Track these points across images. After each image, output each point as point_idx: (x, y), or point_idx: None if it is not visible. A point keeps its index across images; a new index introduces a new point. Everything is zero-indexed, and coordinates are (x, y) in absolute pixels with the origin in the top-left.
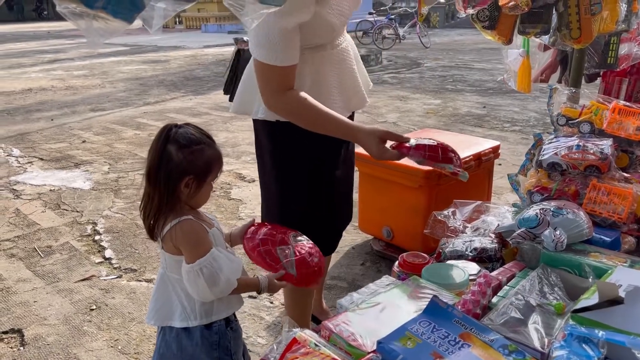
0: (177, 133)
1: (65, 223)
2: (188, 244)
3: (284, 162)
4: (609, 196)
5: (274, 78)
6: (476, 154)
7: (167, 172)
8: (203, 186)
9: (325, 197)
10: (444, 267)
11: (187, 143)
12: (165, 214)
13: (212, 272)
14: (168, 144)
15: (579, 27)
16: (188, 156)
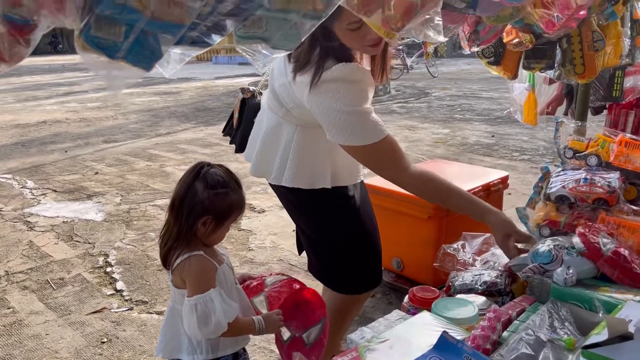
0: (208, 172)
1: (78, 255)
2: (192, 278)
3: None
4: (619, 229)
5: (397, 151)
6: (485, 184)
7: (189, 207)
8: (221, 228)
9: (368, 235)
10: (453, 301)
11: (214, 184)
12: (181, 247)
13: (205, 312)
14: (196, 181)
15: (583, 63)
16: (212, 197)
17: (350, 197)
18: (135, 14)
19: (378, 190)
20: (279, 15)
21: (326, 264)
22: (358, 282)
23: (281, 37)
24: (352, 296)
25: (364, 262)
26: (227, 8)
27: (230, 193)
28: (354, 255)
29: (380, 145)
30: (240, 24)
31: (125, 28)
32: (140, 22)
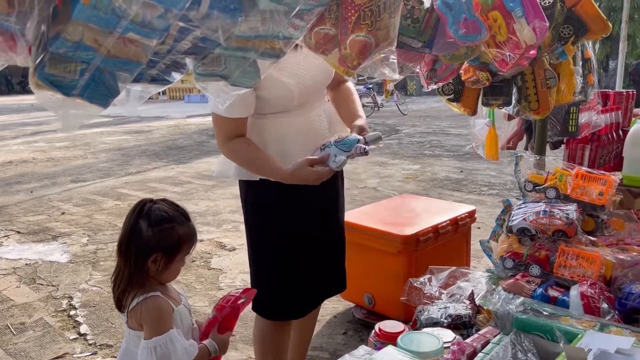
0: (151, 209)
1: (40, 298)
2: (150, 320)
3: (255, 221)
4: (578, 260)
5: (224, 127)
6: (452, 218)
7: (136, 247)
8: (172, 263)
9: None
10: (418, 335)
11: (157, 220)
12: (135, 288)
13: (165, 353)
14: (140, 219)
15: (537, 99)
16: (157, 234)
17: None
18: (90, 51)
19: (349, 225)
20: (238, 54)
21: (251, 272)
22: (271, 303)
23: (240, 74)
24: (267, 320)
25: (279, 282)
26: (185, 46)
27: (176, 227)
28: (267, 269)
29: (218, 119)
30: (199, 62)
31: (81, 66)
32: (95, 59)
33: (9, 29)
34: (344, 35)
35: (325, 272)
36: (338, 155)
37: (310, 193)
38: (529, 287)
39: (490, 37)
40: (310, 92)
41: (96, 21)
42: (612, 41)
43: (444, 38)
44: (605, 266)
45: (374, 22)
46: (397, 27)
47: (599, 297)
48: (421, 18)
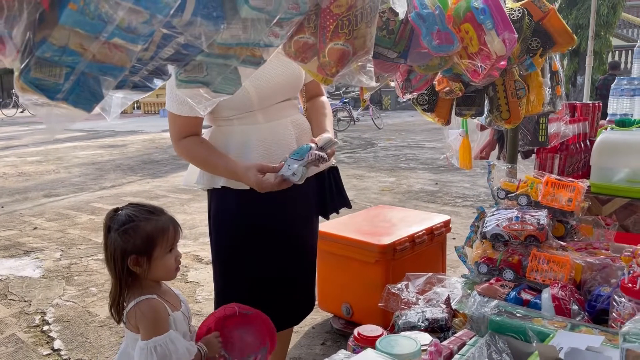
0: (115, 217)
1: (12, 314)
2: (146, 321)
3: (214, 230)
4: (549, 264)
5: (175, 124)
6: (428, 228)
7: (113, 256)
8: (156, 260)
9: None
10: (396, 338)
11: (119, 225)
12: (129, 294)
13: (166, 353)
14: (110, 230)
15: (508, 109)
16: (122, 236)
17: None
18: (75, 56)
19: (326, 236)
20: (220, 61)
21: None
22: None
23: (222, 81)
24: None
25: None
26: (168, 53)
27: (140, 225)
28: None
29: (170, 116)
30: (181, 69)
31: (66, 70)
32: (81, 64)
33: None
34: (322, 44)
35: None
36: (291, 165)
37: (274, 215)
38: (503, 290)
39: (463, 49)
40: (271, 96)
41: (83, 26)
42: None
43: (418, 49)
44: (575, 270)
45: (352, 31)
46: (373, 36)
47: (570, 299)
48: (396, 29)
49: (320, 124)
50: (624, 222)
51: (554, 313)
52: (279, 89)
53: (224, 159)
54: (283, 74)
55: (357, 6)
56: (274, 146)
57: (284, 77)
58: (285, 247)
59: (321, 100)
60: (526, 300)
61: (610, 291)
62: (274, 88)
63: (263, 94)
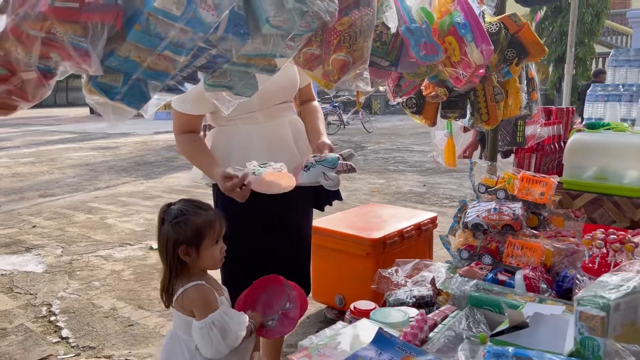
0: (168, 211)
1: (19, 306)
2: (199, 303)
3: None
4: (523, 250)
5: (177, 120)
6: (416, 224)
7: (165, 246)
8: (204, 251)
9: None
10: (388, 310)
11: (172, 218)
12: (179, 280)
13: (224, 325)
14: (163, 224)
15: (487, 112)
16: (175, 228)
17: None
18: (134, 65)
19: (321, 231)
20: (242, 69)
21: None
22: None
23: (242, 85)
24: None
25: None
26: (201, 62)
27: (190, 218)
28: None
29: (174, 113)
30: (209, 75)
31: (123, 76)
32: (137, 71)
33: (83, 47)
34: (327, 55)
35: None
36: (327, 172)
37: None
38: (481, 272)
39: (446, 58)
40: (271, 97)
41: (143, 42)
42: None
43: (407, 58)
44: (545, 255)
45: (352, 45)
46: (369, 49)
47: (539, 279)
48: (388, 41)
49: (316, 127)
50: (591, 214)
51: (525, 290)
52: (278, 92)
53: (209, 158)
54: (281, 79)
55: (357, 24)
56: (274, 144)
57: (282, 81)
58: (285, 234)
59: (314, 104)
60: (502, 281)
61: (575, 272)
62: (274, 91)
63: (264, 96)
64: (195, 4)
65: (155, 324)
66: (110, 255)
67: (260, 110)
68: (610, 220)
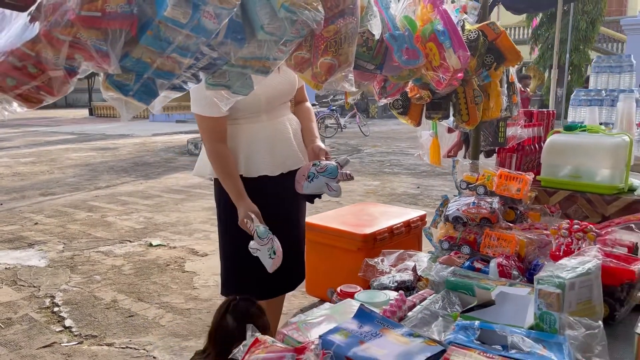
0: (236, 307)
1: (23, 297)
2: None
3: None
4: (498, 241)
5: (205, 124)
6: (406, 221)
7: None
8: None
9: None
10: (371, 292)
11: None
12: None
13: None
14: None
15: (467, 113)
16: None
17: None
18: (145, 65)
19: (315, 227)
20: (239, 70)
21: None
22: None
23: (239, 85)
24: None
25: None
26: (203, 63)
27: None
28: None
29: (198, 118)
30: (210, 75)
31: (135, 75)
32: (148, 71)
33: (104, 49)
34: (315, 59)
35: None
36: (330, 183)
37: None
38: (459, 261)
39: (428, 63)
40: (276, 98)
41: (154, 45)
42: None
43: (391, 62)
44: (519, 245)
45: (337, 50)
46: (354, 53)
47: (512, 266)
48: (374, 46)
49: (311, 129)
50: (566, 210)
51: (497, 276)
52: (281, 94)
53: (239, 185)
54: (283, 82)
55: (342, 31)
56: (277, 141)
57: (284, 84)
58: (283, 223)
59: (307, 105)
60: (478, 268)
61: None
62: (278, 93)
63: (270, 98)
64: (199, 13)
65: (155, 315)
66: (110, 251)
67: (264, 111)
68: (583, 215)
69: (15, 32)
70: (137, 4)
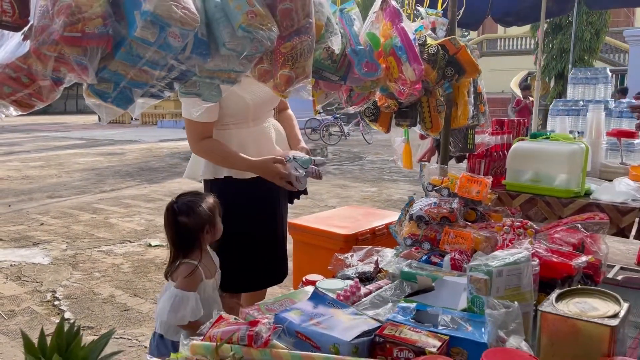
0: (178, 207)
1: (26, 292)
2: (181, 278)
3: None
4: (456, 238)
5: (196, 129)
6: (388, 223)
7: (186, 234)
8: (216, 225)
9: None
10: (331, 280)
11: (187, 210)
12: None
13: (179, 305)
14: (178, 218)
15: (430, 120)
16: (194, 217)
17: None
18: (120, 76)
19: (300, 227)
20: (207, 80)
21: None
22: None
23: (209, 93)
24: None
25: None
26: (174, 75)
27: (201, 205)
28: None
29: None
30: (182, 85)
31: (113, 84)
32: (123, 81)
33: (84, 63)
34: (275, 71)
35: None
36: (298, 169)
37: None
38: (418, 255)
39: (390, 74)
40: (262, 105)
41: (127, 60)
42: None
43: (353, 74)
44: (475, 242)
45: (294, 64)
46: (310, 66)
47: (463, 260)
48: (338, 60)
49: (295, 135)
50: (527, 212)
51: (450, 269)
52: (267, 103)
53: (241, 155)
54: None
55: (297, 48)
56: (263, 145)
57: (270, 93)
58: (270, 221)
59: (289, 112)
60: (434, 262)
61: None
62: (264, 101)
63: (257, 105)
64: (165, 33)
65: (149, 309)
66: (111, 251)
67: (251, 117)
68: (542, 217)
69: (11, 49)
70: (112, 25)
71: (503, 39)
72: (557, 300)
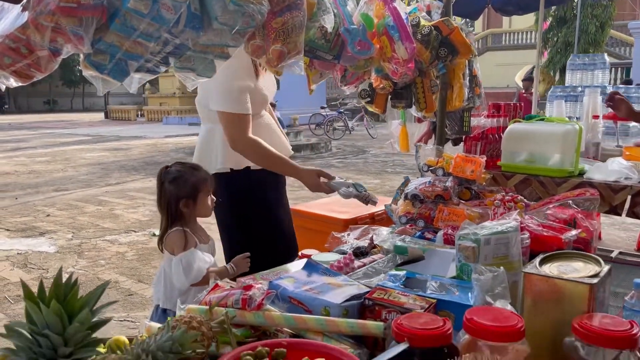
0: (167, 173)
1: (32, 278)
2: (178, 243)
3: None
4: (450, 215)
5: (243, 122)
6: None
7: (167, 202)
8: (200, 201)
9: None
10: (328, 254)
11: (173, 178)
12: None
13: (189, 262)
14: (164, 183)
15: (425, 101)
16: (176, 186)
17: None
18: (116, 48)
19: (301, 213)
20: (201, 55)
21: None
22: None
23: (203, 68)
24: None
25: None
26: (169, 49)
27: (188, 177)
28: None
29: (234, 116)
30: (177, 60)
31: (109, 56)
32: (119, 53)
33: (79, 33)
34: (267, 46)
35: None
36: (349, 188)
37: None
38: (412, 232)
39: (383, 54)
40: (271, 98)
41: (122, 31)
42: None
43: (346, 53)
44: (468, 218)
45: (286, 39)
46: (302, 42)
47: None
48: (331, 39)
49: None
50: (522, 192)
51: (442, 243)
52: (272, 94)
53: (284, 157)
54: (273, 85)
55: (289, 23)
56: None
57: (274, 87)
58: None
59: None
60: (428, 237)
61: None
62: (272, 92)
63: (270, 97)
64: (158, 4)
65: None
66: (116, 240)
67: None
68: (537, 197)
69: (10, 20)
70: None
71: (508, 34)
72: (541, 263)
